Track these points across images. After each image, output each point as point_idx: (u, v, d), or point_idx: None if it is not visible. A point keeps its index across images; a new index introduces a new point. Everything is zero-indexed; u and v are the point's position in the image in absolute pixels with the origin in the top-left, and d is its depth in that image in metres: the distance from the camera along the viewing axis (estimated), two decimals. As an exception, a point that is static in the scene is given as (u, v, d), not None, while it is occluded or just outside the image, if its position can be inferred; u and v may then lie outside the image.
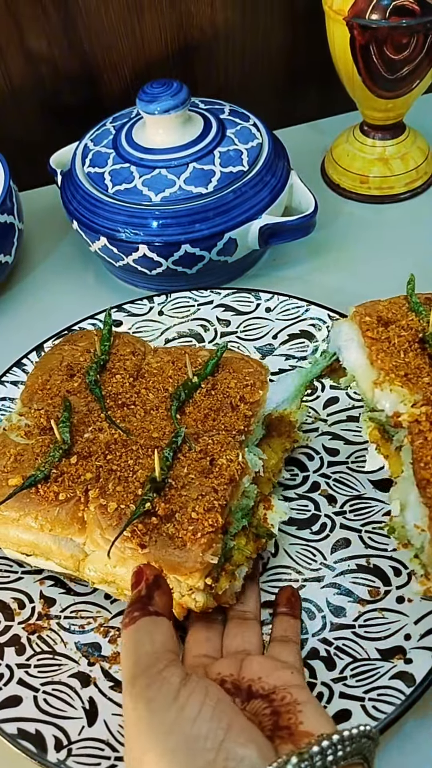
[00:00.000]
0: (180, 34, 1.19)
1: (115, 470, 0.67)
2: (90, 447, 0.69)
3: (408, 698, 0.59)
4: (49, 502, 0.66)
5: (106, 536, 0.63)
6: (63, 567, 0.68)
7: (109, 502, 0.64)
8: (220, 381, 0.74)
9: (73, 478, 0.67)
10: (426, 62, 0.98)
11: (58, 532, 0.66)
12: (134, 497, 0.64)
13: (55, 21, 1.11)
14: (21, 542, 0.68)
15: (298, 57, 1.29)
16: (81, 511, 0.65)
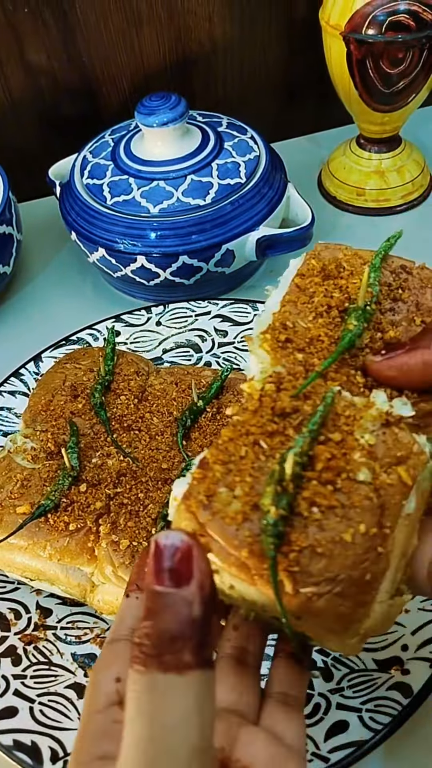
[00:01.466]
0: (178, 48, 1.20)
1: (125, 504, 0.67)
2: (99, 474, 0.69)
3: (405, 709, 0.59)
4: (59, 532, 0.65)
5: (119, 574, 0.63)
6: (68, 594, 0.68)
7: (121, 539, 0.64)
8: (225, 404, 0.75)
9: (82, 507, 0.66)
10: (422, 76, 0.99)
11: (67, 561, 0.65)
12: (146, 534, 0.64)
13: (55, 34, 1.12)
14: (27, 568, 0.68)
15: (296, 71, 1.30)
16: (91, 541, 0.65)
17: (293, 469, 0.41)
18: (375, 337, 0.48)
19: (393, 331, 0.48)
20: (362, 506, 0.41)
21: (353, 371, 0.48)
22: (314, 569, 0.40)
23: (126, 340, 0.92)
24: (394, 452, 0.43)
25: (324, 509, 0.41)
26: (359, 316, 0.48)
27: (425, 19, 0.93)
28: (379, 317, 0.49)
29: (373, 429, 0.44)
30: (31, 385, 0.87)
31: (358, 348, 0.48)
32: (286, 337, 0.48)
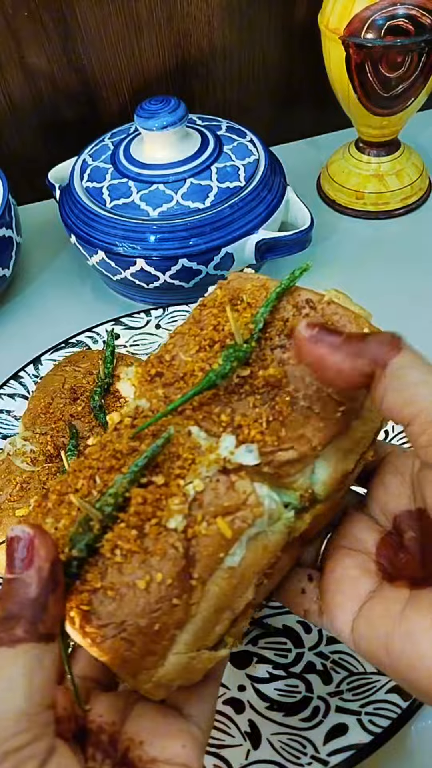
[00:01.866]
0: (178, 52, 1.20)
1: None
2: None
3: (404, 712, 0.59)
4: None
5: None
6: None
7: None
8: None
9: None
10: (420, 80, 0.99)
11: None
12: None
13: (55, 38, 1.13)
14: None
15: (295, 74, 1.30)
16: None
17: (103, 509, 0.41)
18: (256, 373, 0.45)
19: (274, 370, 0.45)
20: (165, 555, 0.40)
21: (219, 408, 0.45)
22: (103, 611, 0.40)
23: (125, 343, 0.92)
24: (222, 502, 0.42)
25: (125, 553, 0.41)
26: (228, 355, 0.45)
27: (424, 23, 0.93)
28: (265, 354, 0.46)
29: (206, 475, 0.42)
30: (31, 387, 0.87)
31: (233, 385, 0.45)
32: (156, 371, 0.48)
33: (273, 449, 0.43)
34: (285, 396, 0.44)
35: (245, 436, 0.44)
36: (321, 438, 0.43)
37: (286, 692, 0.64)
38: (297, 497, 0.44)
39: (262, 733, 0.61)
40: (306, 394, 0.44)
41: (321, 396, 0.44)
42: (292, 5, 1.20)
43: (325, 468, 0.45)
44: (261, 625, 0.68)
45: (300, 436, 0.43)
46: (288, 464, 0.43)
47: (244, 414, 0.45)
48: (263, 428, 0.44)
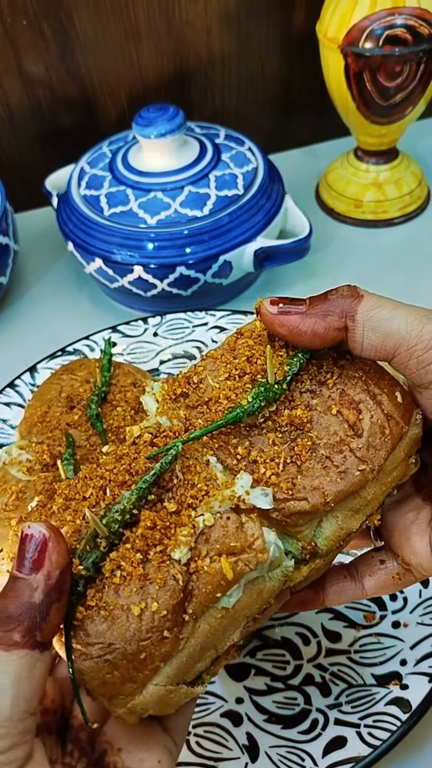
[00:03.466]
0: (176, 60, 1.20)
1: None
2: None
3: (404, 724, 0.59)
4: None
5: None
6: None
7: None
8: None
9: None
10: (419, 90, 0.99)
11: None
12: None
13: (53, 46, 1.13)
14: None
15: (293, 83, 1.30)
16: None
17: (110, 526, 0.41)
18: (281, 412, 0.45)
19: (301, 412, 0.45)
20: (165, 585, 0.40)
21: (236, 440, 0.45)
22: (92, 630, 0.40)
23: (123, 351, 0.92)
24: (229, 541, 0.42)
25: (126, 575, 0.40)
26: (258, 393, 0.45)
27: (422, 33, 0.93)
28: (294, 395, 0.46)
29: (218, 510, 0.42)
30: (27, 396, 0.86)
31: (255, 423, 0.45)
32: (182, 390, 0.48)
33: (286, 497, 0.43)
34: (306, 440, 0.44)
35: (260, 475, 0.43)
36: (336, 495, 0.43)
37: (285, 704, 0.63)
38: (299, 548, 0.44)
39: (260, 746, 0.60)
40: (328, 443, 0.44)
41: (343, 450, 0.44)
42: (291, 14, 1.20)
43: (332, 524, 0.45)
44: (259, 637, 0.68)
45: (315, 488, 0.43)
46: (298, 515, 0.43)
47: (262, 450, 0.44)
48: (278, 470, 0.43)
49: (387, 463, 0.45)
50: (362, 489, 0.44)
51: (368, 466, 0.44)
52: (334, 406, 0.45)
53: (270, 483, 0.43)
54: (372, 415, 0.45)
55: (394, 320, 0.42)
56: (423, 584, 0.68)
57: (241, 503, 0.43)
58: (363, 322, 0.42)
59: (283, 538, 0.44)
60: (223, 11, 1.16)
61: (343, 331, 0.43)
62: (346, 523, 0.45)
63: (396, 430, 0.45)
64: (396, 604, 0.68)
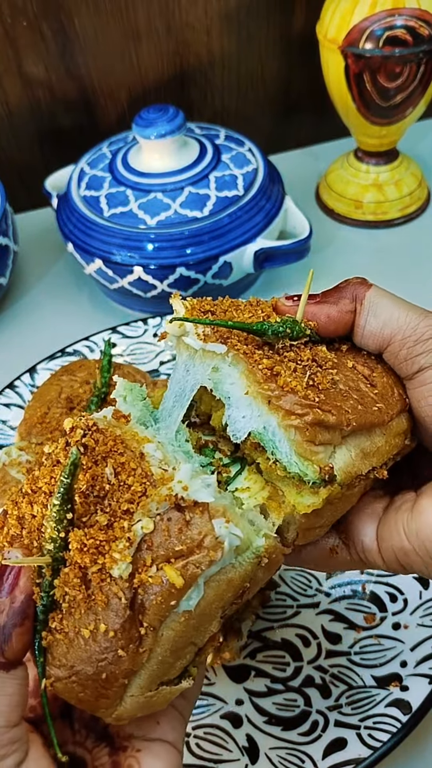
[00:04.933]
0: (176, 61, 1.20)
1: None
2: None
3: (404, 726, 0.58)
4: None
5: None
6: None
7: None
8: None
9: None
10: (419, 91, 0.99)
11: None
12: None
13: (53, 47, 1.13)
14: None
15: (293, 84, 1.30)
16: None
17: (49, 553, 0.40)
18: (304, 350, 0.45)
19: (325, 353, 0.46)
20: (108, 605, 0.38)
21: (261, 354, 0.44)
22: (56, 653, 0.40)
23: (122, 352, 0.92)
24: (173, 545, 0.39)
25: (71, 599, 0.40)
26: (286, 321, 0.45)
27: (422, 34, 0.93)
28: (320, 345, 0.47)
29: (157, 512, 0.39)
30: (27, 397, 0.86)
31: (278, 350, 0.45)
32: (210, 309, 0.49)
33: (311, 404, 0.41)
34: (327, 375, 0.44)
35: (284, 381, 0.42)
36: (357, 418, 0.43)
37: (285, 706, 0.63)
38: (317, 470, 0.42)
39: (260, 747, 0.60)
40: (347, 382, 0.44)
41: (360, 389, 0.44)
42: (291, 15, 1.20)
43: (345, 456, 0.43)
44: (259, 638, 0.67)
45: (338, 407, 0.42)
46: (321, 426, 0.41)
47: (285, 369, 0.43)
48: (302, 384, 0.42)
49: (393, 424, 0.45)
50: (372, 432, 0.44)
51: (384, 408, 0.44)
52: (350, 361, 0.46)
53: (295, 390, 0.42)
54: (383, 377, 0.46)
55: (395, 309, 0.45)
56: (423, 585, 0.68)
57: (180, 501, 0.39)
58: (368, 307, 0.46)
59: (298, 460, 0.42)
60: (223, 12, 1.16)
61: (353, 316, 0.46)
62: (357, 462, 0.44)
63: (401, 400, 0.46)
64: (396, 606, 0.67)
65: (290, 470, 0.42)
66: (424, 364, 0.44)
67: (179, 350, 0.49)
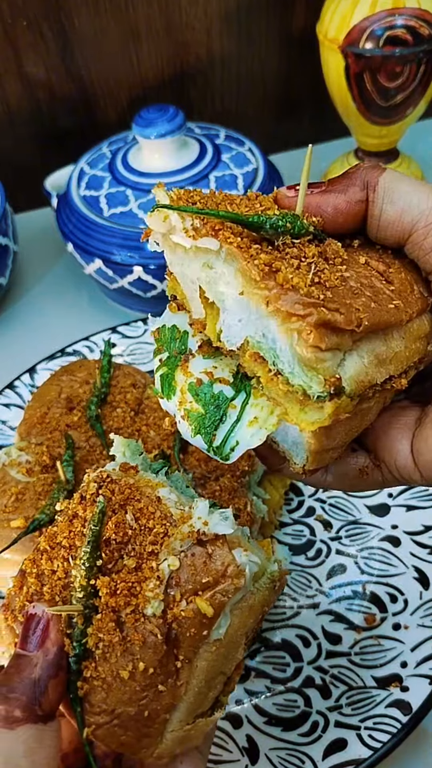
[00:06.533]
0: (176, 61, 1.20)
1: None
2: None
3: (404, 727, 0.58)
4: None
5: None
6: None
7: None
8: None
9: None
10: (419, 90, 0.99)
11: None
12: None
13: (53, 48, 1.13)
14: None
15: (293, 84, 1.30)
16: None
17: (76, 603, 0.41)
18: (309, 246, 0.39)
19: (336, 246, 0.40)
20: (145, 643, 0.40)
21: (259, 248, 0.38)
22: (94, 701, 0.41)
23: (122, 353, 0.92)
24: (200, 578, 0.41)
25: (107, 644, 0.41)
26: (286, 215, 0.39)
27: (422, 33, 0.93)
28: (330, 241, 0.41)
29: (181, 549, 0.41)
30: (26, 397, 0.86)
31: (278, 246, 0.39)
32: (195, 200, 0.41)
33: (315, 302, 0.36)
34: (336, 272, 0.38)
35: (284, 277, 0.36)
36: (370, 317, 0.37)
37: (285, 707, 0.63)
38: (321, 381, 0.36)
39: (261, 748, 0.60)
40: (359, 281, 0.39)
41: (375, 285, 0.39)
42: (291, 15, 1.20)
43: (357, 363, 0.38)
44: (260, 639, 0.67)
45: (348, 305, 0.37)
46: (328, 328, 0.36)
47: (286, 266, 0.37)
48: (306, 280, 0.37)
49: (413, 326, 0.40)
50: (388, 335, 0.39)
51: (402, 306, 0.39)
52: (362, 257, 0.41)
53: (297, 288, 0.36)
54: (401, 273, 0.41)
55: (414, 194, 0.39)
56: (423, 586, 0.68)
57: (202, 536, 0.41)
58: (383, 193, 0.40)
59: (302, 369, 0.37)
60: (223, 12, 1.16)
61: (365, 205, 0.40)
62: (370, 370, 0.38)
63: (422, 299, 0.40)
64: (396, 606, 0.67)
65: (293, 383, 0.37)
66: None
67: (167, 253, 0.43)
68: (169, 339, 0.45)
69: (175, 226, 0.40)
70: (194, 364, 0.43)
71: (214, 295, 0.40)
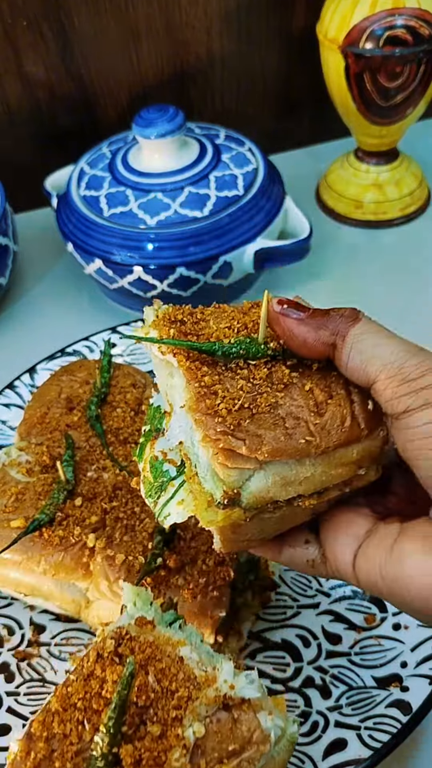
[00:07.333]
0: (176, 61, 1.20)
1: (121, 518, 0.66)
2: (94, 488, 0.68)
3: (405, 727, 0.58)
4: (53, 547, 0.64)
5: (114, 589, 0.62)
6: (62, 609, 0.67)
7: (116, 553, 0.63)
8: None
9: (77, 522, 0.65)
10: (419, 90, 0.99)
11: (62, 577, 0.64)
12: (142, 548, 0.63)
13: (53, 48, 1.13)
14: (21, 584, 0.67)
15: (293, 84, 1.30)
16: (86, 556, 0.64)
17: None
18: (261, 368, 0.45)
19: (283, 374, 0.45)
20: None
21: (208, 371, 0.44)
22: None
23: (122, 353, 0.92)
24: (226, 745, 0.40)
25: None
26: (242, 342, 0.45)
27: (422, 33, 0.93)
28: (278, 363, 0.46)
29: (206, 714, 0.40)
30: (26, 397, 0.86)
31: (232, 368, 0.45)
32: (182, 318, 0.48)
33: (226, 431, 0.42)
34: (271, 398, 0.43)
35: (212, 404, 0.42)
36: (272, 450, 0.42)
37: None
38: (222, 490, 0.42)
39: (260, 749, 0.60)
40: (289, 408, 0.44)
41: (299, 418, 0.43)
42: (291, 15, 1.20)
43: (261, 482, 0.43)
44: (259, 639, 0.67)
45: (257, 435, 0.42)
46: (231, 453, 0.42)
47: (227, 389, 0.43)
48: (232, 407, 0.42)
49: (335, 455, 0.44)
50: (300, 462, 0.43)
51: (315, 441, 0.43)
52: (309, 383, 0.45)
53: (219, 414, 0.42)
54: (340, 405, 0.44)
55: (379, 347, 0.43)
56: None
57: (229, 700, 0.41)
58: (351, 343, 0.43)
59: (213, 479, 0.43)
60: (223, 12, 1.16)
61: (331, 348, 0.44)
62: (274, 489, 0.43)
63: (355, 430, 0.44)
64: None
65: (204, 486, 0.44)
66: (411, 405, 0.41)
67: (152, 356, 0.49)
68: (153, 416, 0.52)
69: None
70: (159, 442, 0.50)
71: (171, 399, 0.48)
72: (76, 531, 0.65)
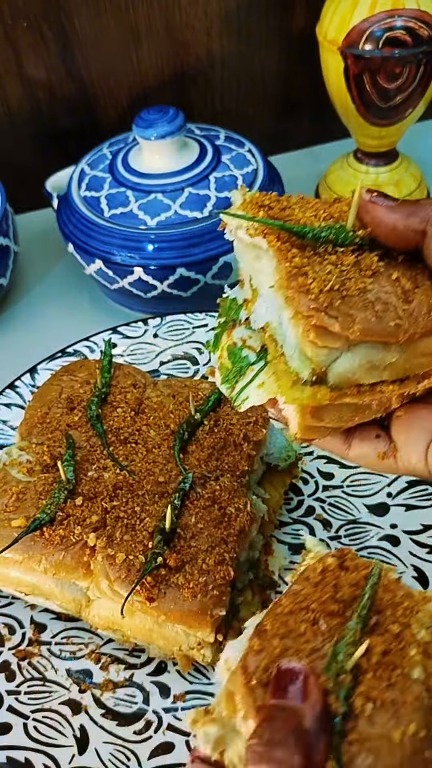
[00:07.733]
0: (176, 62, 1.20)
1: (121, 517, 0.66)
2: (95, 487, 0.69)
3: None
4: (54, 546, 0.65)
5: (115, 588, 0.63)
6: (63, 609, 0.68)
7: (116, 553, 0.63)
8: (222, 417, 0.74)
9: (78, 521, 0.66)
10: (418, 91, 1.00)
11: (63, 576, 0.65)
12: (143, 548, 0.63)
13: (53, 48, 1.13)
14: (21, 583, 0.67)
15: (293, 85, 1.30)
16: (86, 555, 0.65)
17: (345, 662, 0.41)
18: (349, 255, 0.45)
19: (369, 260, 0.45)
20: (414, 705, 0.40)
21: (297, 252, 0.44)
22: (361, 765, 0.38)
23: (123, 353, 0.92)
24: None
25: (377, 705, 0.40)
26: (331, 226, 0.45)
27: (421, 35, 0.93)
28: (365, 252, 0.46)
29: (429, 625, 0.44)
30: (27, 397, 0.86)
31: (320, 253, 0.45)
32: (269, 203, 0.48)
33: (319, 308, 0.42)
34: (360, 282, 0.44)
35: (304, 282, 0.43)
36: (363, 330, 0.43)
37: None
38: (310, 368, 0.44)
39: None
40: (377, 293, 0.44)
41: (388, 303, 0.44)
42: (291, 16, 1.20)
43: (348, 363, 0.44)
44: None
45: (349, 315, 0.43)
46: (322, 331, 0.42)
47: (315, 270, 0.44)
48: (323, 287, 0.43)
49: (419, 344, 0.45)
50: (386, 347, 0.44)
51: (404, 325, 0.44)
52: (396, 272, 0.45)
53: (311, 291, 0.43)
54: (426, 294, 0.45)
55: None
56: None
57: None
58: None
59: (300, 357, 0.44)
60: (223, 13, 1.16)
61: (420, 236, 0.44)
62: (360, 372, 0.45)
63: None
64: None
65: (290, 365, 0.45)
66: None
67: (235, 243, 0.51)
68: (229, 308, 0.54)
69: (241, 223, 0.47)
70: (236, 331, 0.52)
71: (256, 283, 0.49)
72: (76, 530, 0.65)
